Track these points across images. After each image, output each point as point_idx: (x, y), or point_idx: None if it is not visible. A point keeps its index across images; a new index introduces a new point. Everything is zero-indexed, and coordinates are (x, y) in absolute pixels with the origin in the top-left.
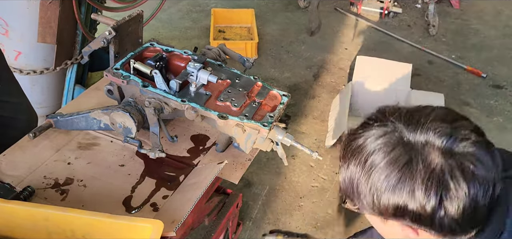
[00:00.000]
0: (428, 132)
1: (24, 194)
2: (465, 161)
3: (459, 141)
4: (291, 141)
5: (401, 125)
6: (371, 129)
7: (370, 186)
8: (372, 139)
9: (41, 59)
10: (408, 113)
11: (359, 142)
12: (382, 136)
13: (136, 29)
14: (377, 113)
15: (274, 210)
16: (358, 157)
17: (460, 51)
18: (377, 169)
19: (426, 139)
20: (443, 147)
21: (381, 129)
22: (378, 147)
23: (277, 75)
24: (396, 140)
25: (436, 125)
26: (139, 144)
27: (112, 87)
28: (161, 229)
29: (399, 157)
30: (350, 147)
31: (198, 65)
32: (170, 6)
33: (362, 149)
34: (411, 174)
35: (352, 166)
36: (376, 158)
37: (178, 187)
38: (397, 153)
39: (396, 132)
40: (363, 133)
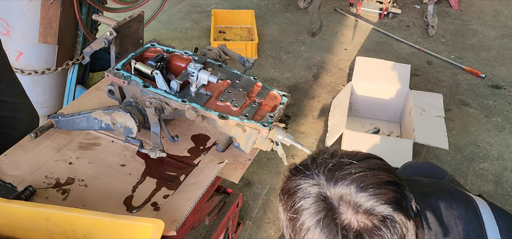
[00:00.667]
0: (343, 189)
1: (25, 193)
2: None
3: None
4: (291, 141)
5: (323, 179)
6: (301, 177)
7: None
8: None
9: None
10: (333, 167)
11: (288, 187)
12: (308, 187)
13: (137, 29)
14: (309, 160)
15: (274, 210)
16: (287, 202)
17: (459, 51)
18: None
19: (341, 194)
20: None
21: (307, 180)
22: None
23: (277, 76)
24: (316, 194)
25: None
26: (140, 144)
27: (113, 88)
28: (162, 228)
29: (315, 212)
30: (282, 190)
31: (199, 66)
32: (171, 7)
33: (290, 196)
34: (321, 229)
35: (281, 209)
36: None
37: (179, 186)
38: (315, 207)
39: (318, 186)
40: (293, 180)
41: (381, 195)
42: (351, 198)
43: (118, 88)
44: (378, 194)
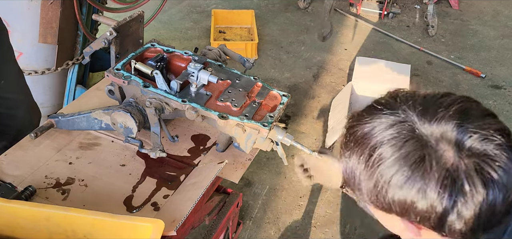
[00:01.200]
0: (445, 125)
1: (25, 193)
2: (485, 165)
3: (480, 140)
4: (291, 141)
5: (415, 115)
6: (380, 116)
7: (375, 181)
8: (380, 128)
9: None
10: (424, 102)
11: (364, 130)
12: (392, 126)
13: (137, 29)
14: (387, 98)
15: (274, 210)
16: (362, 148)
17: (459, 51)
18: (385, 164)
19: (441, 133)
20: (461, 145)
21: (391, 118)
22: (387, 139)
23: (277, 76)
24: (408, 132)
25: (455, 119)
26: (140, 144)
27: (113, 88)
28: (162, 228)
29: (410, 153)
30: (353, 134)
31: (199, 66)
32: (171, 7)
33: (368, 139)
34: (424, 173)
35: (354, 157)
36: (384, 151)
37: (179, 186)
38: (409, 148)
39: (408, 123)
40: (370, 119)
41: (491, 124)
42: (454, 136)
43: (118, 88)
44: (490, 124)
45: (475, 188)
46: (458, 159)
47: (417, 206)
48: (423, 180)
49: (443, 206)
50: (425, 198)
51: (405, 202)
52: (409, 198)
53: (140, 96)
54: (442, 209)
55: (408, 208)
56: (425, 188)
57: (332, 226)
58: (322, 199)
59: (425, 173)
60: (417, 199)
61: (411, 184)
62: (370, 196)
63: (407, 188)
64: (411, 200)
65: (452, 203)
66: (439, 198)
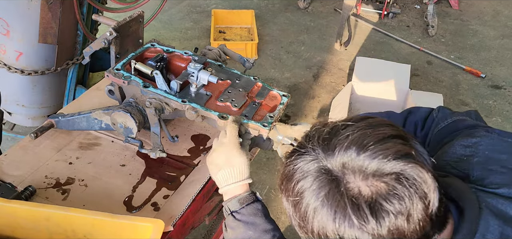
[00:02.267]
0: (345, 155)
1: (25, 193)
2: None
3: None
4: (291, 141)
5: (321, 151)
6: (297, 158)
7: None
8: (297, 168)
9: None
10: (328, 135)
11: (286, 171)
12: (306, 164)
13: (137, 29)
14: (303, 138)
15: (274, 210)
16: (288, 189)
17: (459, 51)
18: (303, 199)
19: (343, 163)
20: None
21: (304, 157)
22: (302, 178)
23: (277, 76)
24: (317, 169)
25: (354, 147)
26: (140, 144)
27: (113, 88)
28: (162, 228)
29: (319, 188)
30: (282, 178)
31: (199, 66)
32: (171, 7)
33: (289, 181)
34: (329, 205)
35: (284, 198)
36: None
37: (179, 187)
38: (318, 183)
39: (316, 161)
40: (290, 163)
41: (388, 149)
42: (354, 163)
43: (118, 88)
44: (384, 149)
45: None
46: (362, 184)
47: (328, 235)
48: (328, 212)
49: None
50: (331, 228)
51: (319, 232)
52: (321, 227)
53: (140, 97)
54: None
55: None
56: (328, 219)
57: None
58: None
59: (330, 206)
60: (327, 227)
61: (320, 216)
62: (299, 229)
63: (318, 220)
64: (323, 228)
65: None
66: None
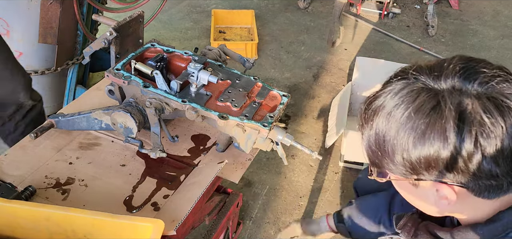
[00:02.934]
0: (453, 79)
1: (25, 193)
2: (499, 96)
3: (488, 80)
4: (291, 141)
5: (424, 76)
6: (391, 84)
7: (397, 141)
8: (393, 93)
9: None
10: (430, 67)
11: (380, 101)
12: (404, 88)
13: (137, 29)
14: (397, 71)
15: (274, 210)
16: (380, 114)
17: (459, 51)
18: (402, 120)
19: (452, 84)
20: (472, 88)
21: (402, 82)
22: (401, 99)
23: (277, 76)
24: (419, 88)
25: (461, 72)
26: (140, 144)
27: (113, 88)
28: (162, 228)
29: (424, 103)
30: (370, 108)
31: (199, 66)
32: (171, 7)
33: (384, 106)
34: (440, 117)
35: (375, 125)
36: (400, 110)
37: (179, 186)
38: (422, 99)
39: (419, 81)
40: (383, 90)
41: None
42: (464, 85)
43: (118, 88)
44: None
45: (495, 119)
46: (472, 99)
47: (442, 154)
48: (441, 125)
49: (466, 146)
50: (447, 143)
51: (429, 155)
52: (433, 149)
53: (140, 97)
54: (466, 149)
55: (434, 161)
56: (445, 132)
57: None
58: (322, 199)
59: (441, 118)
60: (439, 147)
61: (430, 132)
62: (396, 160)
63: (428, 139)
64: (435, 150)
65: (474, 140)
66: (460, 137)
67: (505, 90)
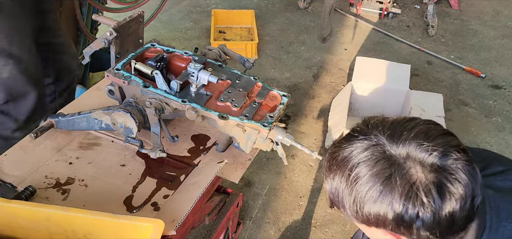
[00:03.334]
0: (409, 146)
1: (25, 193)
2: (443, 179)
3: (439, 157)
4: (291, 141)
5: (384, 139)
6: (356, 142)
7: (354, 197)
8: (357, 151)
9: None
10: (391, 127)
11: (344, 154)
12: (366, 149)
13: (137, 29)
14: (361, 125)
15: (274, 210)
16: (343, 169)
17: (459, 51)
18: (361, 181)
19: (407, 152)
20: (424, 162)
21: (365, 142)
22: (362, 160)
23: (277, 76)
24: (379, 154)
25: (418, 140)
26: (140, 144)
27: (113, 88)
28: (162, 228)
29: (381, 171)
30: (335, 158)
31: (199, 66)
32: (171, 7)
33: (347, 162)
34: (391, 188)
35: (337, 178)
36: (360, 170)
37: (179, 186)
38: (379, 167)
39: (379, 145)
40: (348, 145)
41: (449, 141)
42: (417, 154)
43: (118, 88)
44: (448, 142)
45: (433, 200)
46: (421, 174)
47: (388, 217)
48: (391, 194)
49: (408, 216)
50: (393, 210)
51: (379, 214)
52: (382, 210)
53: (140, 97)
54: (408, 218)
55: (382, 220)
56: (393, 201)
57: (332, 226)
58: (322, 199)
59: (392, 189)
60: (387, 210)
61: (382, 198)
62: (351, 211)
63: (379, 202)
64: (384, 212)
65: (416, 213)
66: (404, 209)
67: (452, 172)
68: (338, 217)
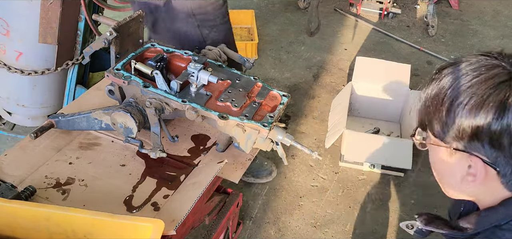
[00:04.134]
0: None
1: (25, 193)
2: None
3: None
4: (291, 141)
5: (505, 61)
6: (467, 57)
7: (457, 100)
8: (470, 63)
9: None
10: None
11: (456, 65)
12: (482, 60)
13: (137, 29)
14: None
15: (274, 210)
16: (452, 73)
17: (459, 51)
18: (471, 83)
19: None
20: None
21: (482, 57)
22: (477, 66)
23: (277, 76)
24: (496, 64)
25: None
26: (140, 144)
27: (113, 88)
28: (162, 228)
29: (496, 76)
30: (444, 68)
31: (199, 66)
32: None
33: (459, 68)
34: (506, 92)
35: (442, 82)
36: (472, 74)
37: (179, 186)
38: (496, 72)
39: (498, 61)
40: (461, 59)
41: None
42: None
43: (118, 88)
44: None
45: None
46: None
47: (492, 126)
48: (503, 99)
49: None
50: (501, 118)
51: (480, 125)
52: (487, 119)
53: (140, 97)
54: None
55: (482, 132)
56: (504, 107)
57: (332, 226)
58: (322, 199)
59: (506, 93)
60: (493, 119)
61: (490, 102)
62: (444, 125)
63: (486, 107)
64: (488, 121)
65: None
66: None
67: None
68: (338, 217)
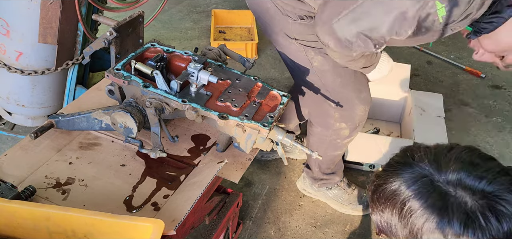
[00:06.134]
0: (458, 174)
1: (25, 193)
2: (495, 203)
3: (488, 184)
4: (291, 141)
5: (431, 169)
6: (402, 174)
7: (409, 230)
8: (405, 185)
9: (42, 59)
10: (436, 158)
11: (392, 188)
12: (415, 181)
13: (137, 29)
14: (403, 156)
15: (274, 209)
16: (393, 203)
17: (459, 51)
18: (416, 214)
19: (457, 182)
20: (474, 189)
21: (412, 174)
22: (413, 194)
23: (277, 76)
24: (429, 185)
25: (465, 169)
26: (140, 144)
27: (113, 88)
28: (162, 228)
29: (435, 203)
30: (382, 192)
31: (199, 66)
32: (171, 7)
33: (397, 196)
34: (449, 218)
35: (387, 211)
36: (413, 204)
37: (179, 186)
38: (432, 199)
39: (427, 177)
40: (395, 178)
41: (494, 167)
42: (467, 183)
43: (118, 88)
44: (492, 168)
45: (491, 223)
46: (474, 202)
47: None
48: (449, 224)
49: None
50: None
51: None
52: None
53: (140, 96)
54: None
55: None
56: (452, 230)
57: (332, 226)
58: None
59: (450, 219)
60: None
61: (440, 229)
62: None
63: (438, 231)
64: None
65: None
66: (465, 236)
67: (502, 197)
68: (338, 217)
